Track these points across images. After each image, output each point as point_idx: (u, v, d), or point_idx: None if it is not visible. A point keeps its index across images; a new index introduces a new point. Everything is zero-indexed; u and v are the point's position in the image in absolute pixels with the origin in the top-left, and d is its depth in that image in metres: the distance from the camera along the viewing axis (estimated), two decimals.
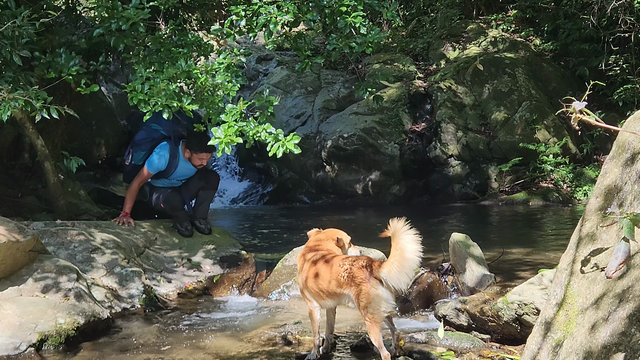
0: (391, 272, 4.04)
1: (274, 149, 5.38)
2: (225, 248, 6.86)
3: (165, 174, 6.90)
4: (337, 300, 4.36)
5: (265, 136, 5.41)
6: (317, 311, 4.49)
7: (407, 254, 3.98)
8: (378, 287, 4.10)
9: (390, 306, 4.18)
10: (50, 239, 6.00)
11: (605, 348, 2.57)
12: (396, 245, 4.02)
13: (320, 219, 11.23)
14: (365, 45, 6.06)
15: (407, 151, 13.14)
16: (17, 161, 8.51)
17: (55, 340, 4.72)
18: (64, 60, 6.02)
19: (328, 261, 4.39)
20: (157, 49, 6.06)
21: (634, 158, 2.97)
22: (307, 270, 4.44)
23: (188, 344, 4.86)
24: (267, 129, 5.43)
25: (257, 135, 5.41)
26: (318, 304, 4.47)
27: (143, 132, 7.01)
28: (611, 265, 2.60)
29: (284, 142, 5.36)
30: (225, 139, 5.22)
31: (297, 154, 5.42)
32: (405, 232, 3.99)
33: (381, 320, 4.16)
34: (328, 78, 14.84)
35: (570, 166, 12.61)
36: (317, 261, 4.43)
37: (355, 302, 4.18)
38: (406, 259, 3.98)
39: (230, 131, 5.26)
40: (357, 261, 4.25)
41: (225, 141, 5.22)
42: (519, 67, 13.80)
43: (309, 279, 4.40)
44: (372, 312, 4.10)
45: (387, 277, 4.07)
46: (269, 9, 5.88)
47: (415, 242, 3.99)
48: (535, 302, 4.37)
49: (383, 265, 4.11)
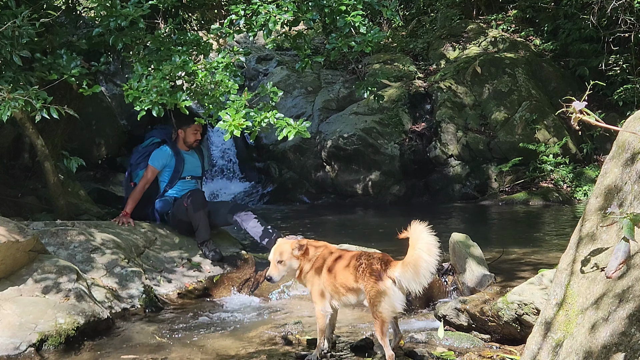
0: (406, 272, 4.05)
1: (284, 132, 5.37)
2: (225, 248, 6.86)
3: (178, 173, 6.89)
4: (356, 296, 4.32)
5: (274, 121, 5.41)
6: (328, 316, 4.46)
7: (425, 256, 3.98)
8: (390, 286, 4.10)
9: (400, 307, 4.17)
10: (50, 239, 5.99)
11: (605, 348, 2.57)
12: (414, 246, 4.01)
13: (321, 219, 11.25)
14: (365, 44, 6.06)
15: (407, 151, 13.14)
16: (17, 161, 8.51)
17: (55, 340, 4.72)
18: (66, 62, 6.02)
19: (342, 257, 4.40)
20: (156, 48, 6.06)
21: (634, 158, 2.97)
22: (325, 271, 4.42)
23: (188, 344, 4.85)
24: (275, 114, 5.44)
25: (266, 120, 5.40)
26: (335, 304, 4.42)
27: (136, 154, 7.07)
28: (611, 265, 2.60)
29: (296, 126, 5.35)
30: (234, 122, 5.20)
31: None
32: (425, 234, 3.99)
33: (389, 319, 4.17)
34: (328, 78, 14.84)
35: (570, 166, 12.61)
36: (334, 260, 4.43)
37: (367, 298, 4.19)
38: (424, 260, 3.98)
39: (239, 115, 5.25)
40: (372, 257, 4.25)
41: (234, 124, 5.20)
42: (519, 67, 13.80)
43: (328, 277, 4.38)
44: (381, 310, 4.11)
45: (400, 277, 4.07)
46: (269, 8, 5.88)
47: (434, 245, 3.98)
48: (535, 302, 4.37)
49: (398, 264, 4.12)
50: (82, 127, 10.67)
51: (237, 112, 5.25)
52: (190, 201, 6.64)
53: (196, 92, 5.68)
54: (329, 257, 4.50)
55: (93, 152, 11.58)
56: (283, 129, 5.38)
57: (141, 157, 6.99)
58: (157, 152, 6.89)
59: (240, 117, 5.23)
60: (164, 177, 6.95)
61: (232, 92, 5.61)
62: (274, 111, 5.46)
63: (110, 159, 11.95)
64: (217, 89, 5.60)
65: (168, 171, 6.92)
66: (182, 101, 5.48)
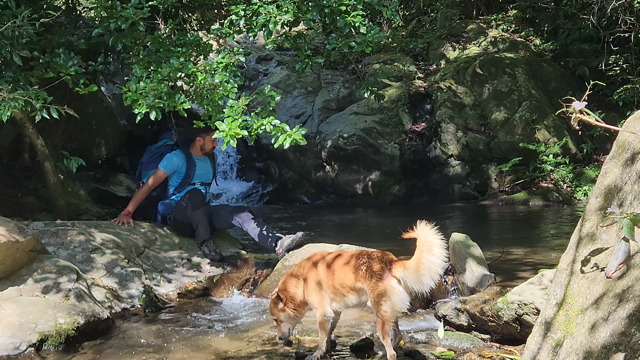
0: (409, 272, 4.02)
1: (280, 140, 5.37)
2: (225, 248, 6.86)
3: (188, 178, 6.86)
4: (358, 297, 4.27)
5: (270, 128, 5.40)
6: (330, 321, 4.43)
7: (431, 257, 3.95)
8: (394, 286, 4.07)
9: (404, 307, 4.13)
10: (50, 239, 5.99)
11: (605, 348, 2.57)
12: (421, 247, 3.98)
13: (321, 219, 11.25)
14: (365, 44, 6.05)
15: (407, 151, 13.14)
16: (17, 161, 8.51)
17: (55, 340, 4.72)
18: (63, 61, 6.02)
19: (342, 256, 4.38)
20: (156, 49, 6.06)
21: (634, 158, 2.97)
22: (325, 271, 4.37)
23: (188, 344, 4.85)
24: (272, 121, 5.43)
25: (262, 127, 5.39)
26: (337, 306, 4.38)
27: (148, 153, 7.03)
28: (611, 265, 2.60)
29: (291, 133, 5.35)
30: (230, 132, 5.20)
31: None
32: (433, 235, 3.96)
33: (393, 319, 4.14)
34: (328, 78, 14.84)
35: (570, 166, 12.61)
36: (332, 260, 4.40)
37: (370, 297, 4.15)
38: (429, 261, 3.95)
39: (235, 124, 5.25)
40: (375, 256, 4.22)
41: (230, 134, 5.20)
42: (519, 67, 13.80)
43: (328, 278, 4.33)
44: (385, 310, 4.08)
45: (404, 277, 4.05)
46: (269, 9, 5.87)
47: (441, 246, 3.96)
48: (535, 302, 4.37)
49: (403, 264, 4.09)
50: (82, 127, 10.67)
51: (234, 121, 5.25)
52: (189, 199, 6.63)
53: (195, 94, 5.68)
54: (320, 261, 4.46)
55: (93, 152, 11.58)
56: (279, 137, 5.37)
57: (153, 157, 6.93)
58: (170, 156, 6.81)
59: (237, 126, 5.23)
60: (173, 181, 6.89)
61: (230, 96, 5.60)
62: (270, 117, 5.45)
63: (110, 159, 11.95)
64: (216, 91, 5.59)
65: (178, 176, 6.86)
66: (180, 104, 5.48)
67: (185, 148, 6.89)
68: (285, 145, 5.35)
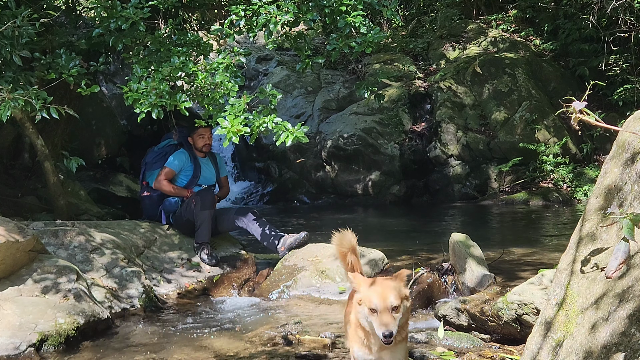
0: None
1: (282, 138, 5.36)
2: (225, 248, 6.86)
3: (195, 179, 6.83)
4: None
5: (272, 126, 5.40)
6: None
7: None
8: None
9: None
10: (50, 239, 5.99)
11: (605, 348, 2.57)
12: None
13: (321, 219, 11.25)
14: (365, 45, 6.05)
15: (407, 151, 13.14)
16: (17, 161, 8.52)
17: (55, 340, 4.72)
18: (64, 61, 6.02)
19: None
20: (156, 49, 6.06)
21: (634, 158, 2.96)
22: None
23: (188, 344, 4.85)
24: (273, 119, 5.43)
25: (264, 125, 5.39)
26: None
27: (152, 154, 7.01)
28: (611, 265, 2.60)
29: (293, 131, 5.35)
30: (232, 128, 5.20)
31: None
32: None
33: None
34: (328, 78, 14.85)
35: (570, 166, 12.61)
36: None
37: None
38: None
39: (237, 121, 5.24)
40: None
41: (232, 130, 5.20)
42: (519, 67, 13.80)
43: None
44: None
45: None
46: (269, 9, 5.88)
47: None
48: (535, 302, 4.37)
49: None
50: (82, 127, 10.67)
51: (236, 118, 5.24)
52: (200, 198, 6.57)
53: (196, 93, 5.68)
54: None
55: (93, 152, 11.58)
56: (281, 134, 5.36)
57: (157, 157, 6.92)
58: (176, 155, 6.80)
59: (238, 123, 5.22)
60: (180, 181, 6.85)
61: (231, 95, 5.60)
62: (272, 115, 5.45)
63: (110, 159, 11.95)
64: (217, 90, 5.60)
65: (185, 176, 6.85)
66: (181, 102, 5.48)
67: (189, 148, 6.90)
68: (287, 143, 5.36)
